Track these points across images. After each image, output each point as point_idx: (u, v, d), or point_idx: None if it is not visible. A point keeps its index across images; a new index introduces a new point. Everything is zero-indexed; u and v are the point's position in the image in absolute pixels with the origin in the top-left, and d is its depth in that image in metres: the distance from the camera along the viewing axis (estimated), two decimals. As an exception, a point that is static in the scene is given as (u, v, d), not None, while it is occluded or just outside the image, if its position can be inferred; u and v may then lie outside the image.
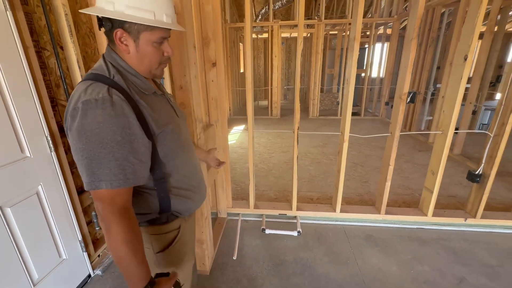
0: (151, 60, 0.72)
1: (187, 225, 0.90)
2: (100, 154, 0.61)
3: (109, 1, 0.64)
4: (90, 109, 0.60)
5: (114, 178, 0.62)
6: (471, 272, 1.65)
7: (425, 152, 3.77)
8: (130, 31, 0.67)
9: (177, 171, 0.80)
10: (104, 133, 0.60)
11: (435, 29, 4.04)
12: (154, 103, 0.74)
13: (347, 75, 1.83)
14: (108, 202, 0.63)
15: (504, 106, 1.81)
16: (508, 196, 2.48)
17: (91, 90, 0.63)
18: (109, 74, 0.68)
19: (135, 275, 0.66)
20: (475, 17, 1.57)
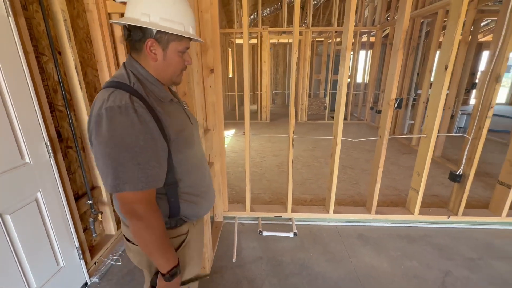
0: (175, 68, 0.78)
1: (195, 229, 0.93)
2: (125, 159, 0.64)
3: (144, 13, 0.69)
4: (114, 116, 0.64)
5: (137, 181, 0.66)
6: (455, 265, 1.78)
7: (408, 154, 3.97)
8: (160, 41, 0.72)
9: (188, 176, 0.83)
10: (128, 138, 0.64)
11: (415, 38, 4.30)
12: (170, 110, 0.77)
13: (339, 82, 1.93)
14: (145, 202, 0.69)
15: (480, 112, 1.98)
16: (484, 194, 2.67)
17: (114, 97, 0.66)
18: (129, 82, 0.71)
19: (169, 259, 0.75)
20: (454, 30, 1.72)
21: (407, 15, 1.73)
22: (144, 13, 0.69)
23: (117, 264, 1.81)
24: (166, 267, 0.75)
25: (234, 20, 5.96)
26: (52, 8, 1.44)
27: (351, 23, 1.75)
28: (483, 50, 8.20)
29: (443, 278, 1.67)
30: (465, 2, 1.65)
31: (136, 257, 0.87)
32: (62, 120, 1.57)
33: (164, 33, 0.71)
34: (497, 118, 6.41)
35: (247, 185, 2.21)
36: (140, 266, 0.88)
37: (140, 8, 0.69)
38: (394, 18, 5.00)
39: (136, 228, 0.70)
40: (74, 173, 1.66)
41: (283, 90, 9.65)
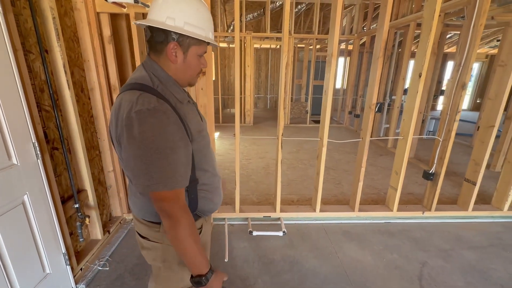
0: (193, 71, 0.82)
1: (207, 225, 0.96)
2: (157, 160, 0.67)
3: (170, 17, 0.72)
4: (144, 118, 0.67)
5: (169, 180, 0.69)
6: (430, 256, 1.93)
7: (385, 156, 4.22)
8: (182, 44, 0.75)
9: (205, 174, 0.86)
10: (160, 140, 0.67)
11: (389, 47, 4.61)
12: (189, 111, 0.80)
13: (325, 86, 2.04)
14: (175, 200, 0.71)
15: (449, 116, 2.19)
16: (453, 191, 2.92)
17: (142, 100, 0.69)
18: (153, 84, 0.74)
19: (201, 262, 0.74)
20: (427, 42, 1.91)
21: (386, 26, 1.88)
22: (170, 17, 0.72)
23: (105, 270, 1.75)
24: (193, 270, 0.74)
25: (218, 24, 6.00)
26: (40, 5, 1.40)
27: (336, 30, 1.88)
28: (448, 60, 8.94)
29: (421, 268, 1.82)
30: (435, 18, 1.84)
31: (150, 254, 0.88)
32: (49, 121, 1.51)
33: (186, 37, 0.74)
34: (461, 123, 7.00)
35: (237, 186, 2.24)
36: (155, 262, 0.88)
37: (166, 12, 0.72)
38: (370, 28, 5.33)
39: (168, 227, 0.71)
40: (60, 175, 1.60)
41: (265, 94, 9.80)
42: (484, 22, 1.93)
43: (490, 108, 2.18)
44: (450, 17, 3.55)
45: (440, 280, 1.71)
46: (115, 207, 2.21)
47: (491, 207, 2.47)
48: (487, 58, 9.31)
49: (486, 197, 2.74)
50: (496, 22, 3.55)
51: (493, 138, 2.19)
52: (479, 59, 9.38)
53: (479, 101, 9.47)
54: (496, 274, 1.77)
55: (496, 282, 1.70)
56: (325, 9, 6.94)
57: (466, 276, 1.75)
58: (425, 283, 1.69)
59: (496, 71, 2.12)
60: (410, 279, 1.72)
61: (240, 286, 1.65)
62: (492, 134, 2.17)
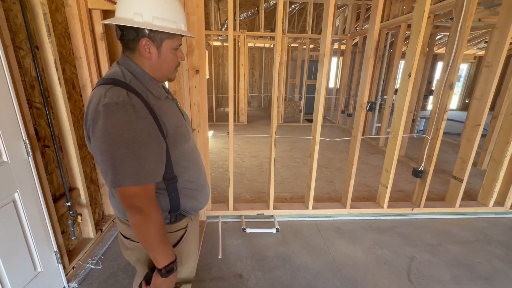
0: (170, 65, 0.80)
1: (193, 224, 0.95)
2: (124, 154, 0.66)
3: (137, 13, 0.69)
4: (111, 112, 0.65)
5: (136, 176, 0.67)
6: (418, 251, 1.99)
7: (377, 154, 4.30)
8: (154, 40, 0.73)
9: (186, 171, 0.85)
10: (126, 134, 0.65)
11: (381, 48, 4.69)
12: (166, 107, 0.79)
13: (318, 86, 2.07)
14: (144, 196, 0.70)
15: (437, 115, 2.25)
16: (441, 189, 3.01)
17: (111, 93, 0.67)
18: (125, 79, 0.72)
19: (171, 250, 0.78)
20: (416, 43, 1.96)
21: (377, 27, 1.92)
22: (137, 12, 0.69)
23: (97, 268, 1.74)
24: (163, 261, 0.76)
25: (212, 23, 5.98)
26: (30, 1, 1.38)
27: (329, 31, 1.91)
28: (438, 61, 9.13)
29: (409, 263, 1.87)
30: (424, 19, 1.89)
31: (134, 254, 0.87)
32: (40, 118, 1.49)
33: (158, 32, 0.72)
34: (450, 122, 7.17)
35: (231, 184, 2.26)
36: (139, 263, 0.88)
37: (132, 7, 0.69)
38: (363, 29, 5.40)
39: (136, 222, 0.71)
40: (51, 173, 1.58)
41: (259, 93, 9.81)
42: (470, 24, 1.99)
43: (476, 107, 2.25)
44: (440, 19, 3.64)
45: (427, 273, 1.77)
46: (107, 206, 2.19)
47: (477, 204, 2.56)
48: (475, 59, 9.55)
49: (473, 194, 2.83)
50: (483, 24, 3.66)
51: (479, 136, 2.26)
52: (468, 60, 9.61)
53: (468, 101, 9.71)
54: (481, 268, 1.83)
55: (481, 275, 1.77)
56: (319, 9, 6.99)
57: (452, 269, 1.81)
58: (413, 277, 1.74)
59: (482, 72, 2.19)
60: (399, 273, 1.77)
61: (233, 282, 1.67)
62: (478, 132, 2.25)
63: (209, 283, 1.65)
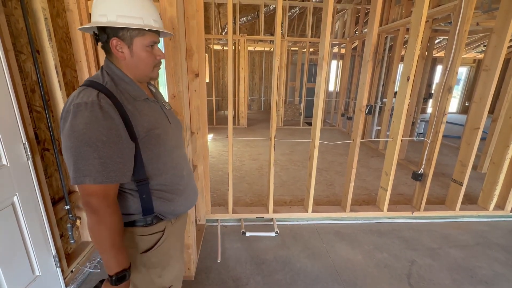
0: (146, 64, 0.80)
1: (173, 228, 0.92)
2: (86, 152, 0.66)
3: (101, 14, 0.72)
4: (79, 111, 0.66)
5: (98, 174, 0.67)
6: (419, 255, 1.98)
7: (376, 157, 4.30)
8: (124, 39, 0.75)
9: (161, 174, 0.82)
10: (91, 133, 0.66)
11: (380, 51, 4.71)
12: (143, 108, 0.79)
13: (317, 89, 2.08)
14: (102, 196, 0.69)
15: (436, 118, 2.25)
16: (441, 192, 3.00)
17: (83, 94, 0.69)
18: (102, 81, 0.74)
19: (125, 257, 0.75)
20: (414, 46, 1.97)
21: (375, 31, 1.94)
22: (102, 14, 0.72)
23: (96, 272, 1.74)
24: (115, 268, 0.73)
25: (212, 27, 6.02)
26: (32, 6, 1.40)
27: (327, 34, 1.92)
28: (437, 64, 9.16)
29: (410, 267, 1.86)
30: (422, 23, 1.90)
31: None
32: (40, 122, 1.50)
33: (126, 30, 0.74)
34: (450, 125, 7.18)
35: (230, 187, 2.26)
36: None
37: (98, 10, 0.73)
38: (362, 33, 5.44)
39: (90, 222, 0.70)
40: (50, 176, 1.58)
41: (259, 96, 9.84)
42: (468, 28, 2.00)
43: (475, 111, 2.26)
44: (438, 23, 3.66)
45: (428, 278, 1.76)
46: (107, 209, 2.19)
47: (477, 207, 2.55)
48: (474, 63, 9.58)
49: (473, 197, 2.82)
50: (481, 28, 3.68)
51: (479, 140, 2.26)
52: (467, 64, 9.65)
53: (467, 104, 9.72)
54: (481, 272, 1.82)
55: (481, 280, 1.75)
56: (318, 13, 7.05)
57: (452, 273, 1.80)
58: (414, 281, 1.73)
59: (481, 75, 2.20)
60: (399, 277, 1.76)
61: (232, 286, 1.66)
62: (477, 136, 2.25)
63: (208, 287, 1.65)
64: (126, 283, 0.76)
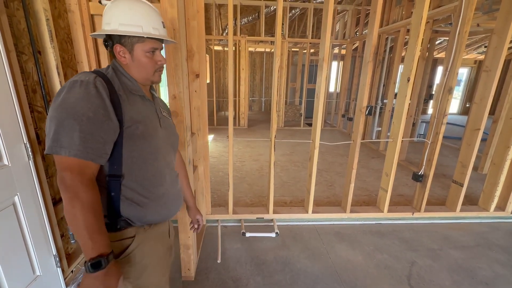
0: (147, 69, 0.83)
1: (147, 235, 0.85)
2: (69, 125, 0.66)
3: (106, 23, 0.80)
4: (74, 87, 0.69)
5: (74, 147, 0.66)
6: (419, 256, 1.98)
7: (377, 158, 4.30)
8: (126, 45, 0.80)
9: (138, 172, 0.79)
10: (79, 107, 0.67)
11: (381, 52, 4.71)
12: (136, 102, 0.81)
13: (317, 90, 2.09)
14: (77, 172, 0.67)
15: (436, 119, 2.25)
16: (442, 193, 2.99)
17: (81, 74, 0.73)
18: (106, 72, 0.79)
19: (103, 240, 0.69)
20: (414, 47, 1.97)
21: (375, 32, 1.94)
22: (107, 22, 0.79)
23: (96, 272, 1.74)
24: (90, 253, 0.66)
25: (213, 27, 6.04)
26: (33, 7, 1.40)
27: (328, 35, 1.93)
28: (438, 65, 9.16)
29: (410, 268, 1.86)
30: (422, 24, 1.91)
31: None
32: (41, 122, 1.51)
33: (127, 37, 0.79)
34: (450, 126, 7.17)
35: (230, 187, 2.26)
36: None
37: (105, 18, 0.80)
38: (362, 34, 5.44)
39: (64, 201, 0.66)
40: (51, 176, 1.59)
41: (259, 97, 9.85)
42: (468, 29, 2.00)
43: (475, 111, 2.26)
44: (439, 24, 3.66)
45: (428, 279, 1.75)
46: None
47: (478, 208, 2.54)
48: (475, 64, 9.58)
49: (474, 199, 2.82)
50: (482, 29, 3.68)
51: (479, 141, 2.26)
52: (468, 65, 9.64)
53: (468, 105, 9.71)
54: (482, 273, 1.82)
55: (482, 281, 1.75)
56: (319, 14, 7.06)
57: (453, 274, 1.80)
58: (414, 282, 1.73)
59: (481, 76, 2.20)
60: (399, 278, 1.76)
61: (232, 286, 1.66)
62: (478, 137, 2.25)
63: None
64: (103, 272, 0.67)
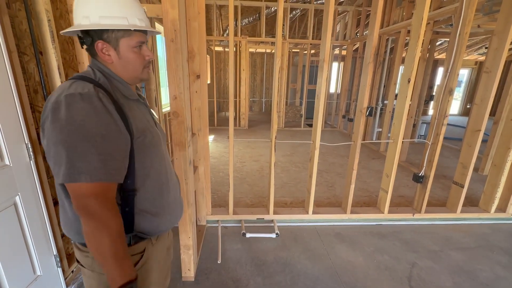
0: (135, 65, 0.75)
1: (154, 249, 0.81)
2: (83, 147, 0.60)
3: (84, 16, 0.67)
4: (74, 103, 0.60)
5: (95, 172, 0.60)
6: (420, 257, 1.97)
7: (377, 159, 4.29)
8: (109, 41, 0.70)
9: (150, 184, 0.76)
10: (89, 126, 0.60)
11: (381, 53, 4.71)
12: (135, 108, 0.75)
13: (317, 91, 2.09)
14: (102, 197, 0.62)
15: (437, 120, 2.25)
16: (442, 194, 2.99)
17: (76, 85, 0.63)
18: (94, 76, 0.70)
19: (125, 271, 0.65)
20: (415, 48, 1.97)
21: (376, 33, 1.95)
22: (84, 16, 0.67)
23: (96, 272, 1.74)
24: (119, 280, 0.64)
25: (213, 28, 6.05)
26: (35, 8, 1.41)
27: (328, 36, 1.93)
28: (439, 66, 9.15)
29: (410, 269, 1.85)
30: (423, 25, 1.91)
31: (87, 282, 0.76)
32: (42, 122, 1.51)
33: (111, 31, 0.69)
34: (451, 127, 7.16)
35: (231, 188, 2.26)
36: None
37: (80, 11, 0.68)
38: (363, 34, 5.45)
39: (88, 229, 0.62)
40: (52, 177, 1.59)
41: (260, 97, 9.86)
42: (469, 31, 2.00)
43: (476, 113, 2.26)
44: (440, 25, 3.67)
45: (428, 280, 1.75)
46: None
47: (478, 209, 2.54)
48: (476, 65, 9.57)
49: (474, 200, 2.81)
50: (482, 30, 3.68)
51: (480, 142, 2.26)
52: (469, 66, 9.64)
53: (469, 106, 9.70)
54: (483, 275, 1.81)
55: (483, 282, 1.74)
56: (319, 15, 7.06)
57: (454, 276, 1.79)
58: (414, 283, 1.72)
59: (482, 77, 2.20)
60: (400, 279, 1.75)
61: (232, 287, 1.66)
62: (479, 138, 2.24)
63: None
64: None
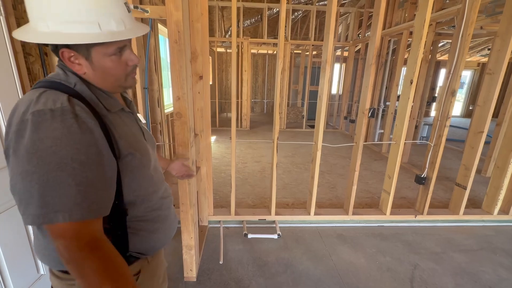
0: (115, 74, 0.60)
1: (149, 268, 0.73)
2: (57, 179, 0.48)
3: (41, 18, 0.50)
4: (43, 122, 0.48)
5: (75, 208, 0.49)
6: (422, 259, 1.97)
7: (379, 161, 4.28)
8: (77, 49, 0.54)
9: (142, 202, 0.67)
10: (64, 151, 0.48)
11: (383, 54, 4.72)
12: (119, 122, 0.63)
13: (320, 92, 2.09)
14: (72, 237, 0.50)
15: (440, 122, 2.25)
16: (445, 196, 2.98)
17: (45, 98, 0.50)
18: (68, 82, 0.56)
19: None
20: (417, 50, 1.97)
21: (378, 34, 1.95)
22: (40, 17, 0.51)
23: (99, 272, 1.75)
24: None
25: (216, 29, 6.08)
26: (41, 9, 1.43)
27: (331, 38, 1.93)
28: (441, 67, 9.13)
29: (413, 271, 1.85)
30: (425, 27, 1.91)
31: None
32: (46, 122, 1.53)
33: None
34: (454, 129, 7.13)
35: (232, 189, 2.27)
36: None
37: (35, 11, 0.51)
38: (365, 36, 5.45)
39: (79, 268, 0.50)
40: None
41: (262, 98, 9.87)
42: (472, 32, 2.00)
43: (479, 114, 2.25)
44: (442, 26, 3.66)
45: (431, 282, 1.74)
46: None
47: (481, 211, 2.53)
48: (478, 66, 9.53)
49: (477, 202, 2.80)
50: (485, 31, 3.67)
51: (482, 143, 2.25)
52: (471, 67, 9.60)
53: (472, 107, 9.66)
54: (485, 277, 1.80)
55: (485, 284, 1.74)
56: (321, 16, 7.08)
57: (456, 278, 1.78)
58: (417, 285, 1.72)
59: (485, 79, 2.20)
60: (402, 281, 1.75)
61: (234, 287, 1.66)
62: (481, 139, 2.24)
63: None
64: None
